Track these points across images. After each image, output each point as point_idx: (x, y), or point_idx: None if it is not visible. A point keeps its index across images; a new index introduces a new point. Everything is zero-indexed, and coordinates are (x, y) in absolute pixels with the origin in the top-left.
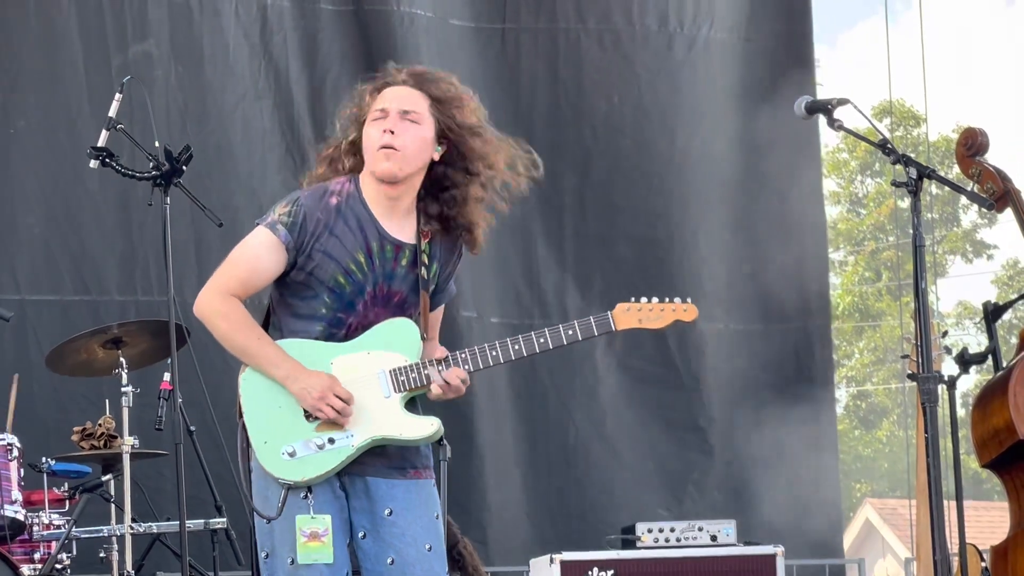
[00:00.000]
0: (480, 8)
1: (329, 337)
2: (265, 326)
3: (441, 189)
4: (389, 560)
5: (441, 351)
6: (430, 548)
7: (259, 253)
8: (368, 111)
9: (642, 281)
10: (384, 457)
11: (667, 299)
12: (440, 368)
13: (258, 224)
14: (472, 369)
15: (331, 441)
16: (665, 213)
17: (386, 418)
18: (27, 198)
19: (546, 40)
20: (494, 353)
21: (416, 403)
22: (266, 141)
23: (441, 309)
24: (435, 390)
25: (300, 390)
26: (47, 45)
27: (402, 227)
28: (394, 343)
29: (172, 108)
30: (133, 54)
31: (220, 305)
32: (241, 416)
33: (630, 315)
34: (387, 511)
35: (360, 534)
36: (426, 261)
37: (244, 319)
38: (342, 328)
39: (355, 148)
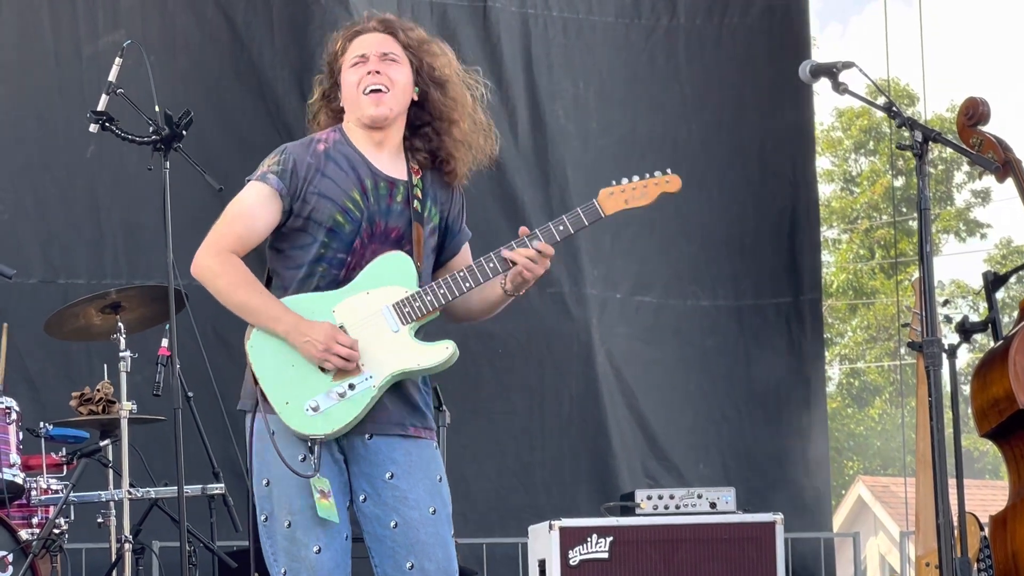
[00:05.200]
0: None
1: (330, 280)
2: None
3: (420, 126)
4: (392, 524)
5: (520, 232)
6: (434, 511)
7: (253, 206)
8: (342, 60)
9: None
10: (384, 411)
11: (647, 174)
12: (527, 244)
13: (248, 180)
14: (473, 286)
15: (351, 387)
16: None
17: (401, 351)
18: None
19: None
20: (491, 264)
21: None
22: (246, 126)
23: (466, 251)
24: (521, 272)
25: (304, 344)
26: (19, 34)
27: (393, 164)
28: (391, 277)
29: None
30: (104, 44)
31: (217, 264)
32: (257, 383)
33: (615, 198)
34: (388, 474)
35: (361, 497)
36: (419, 195)
37: (243, 275)
38: (342, 268)
39: (328, 100)
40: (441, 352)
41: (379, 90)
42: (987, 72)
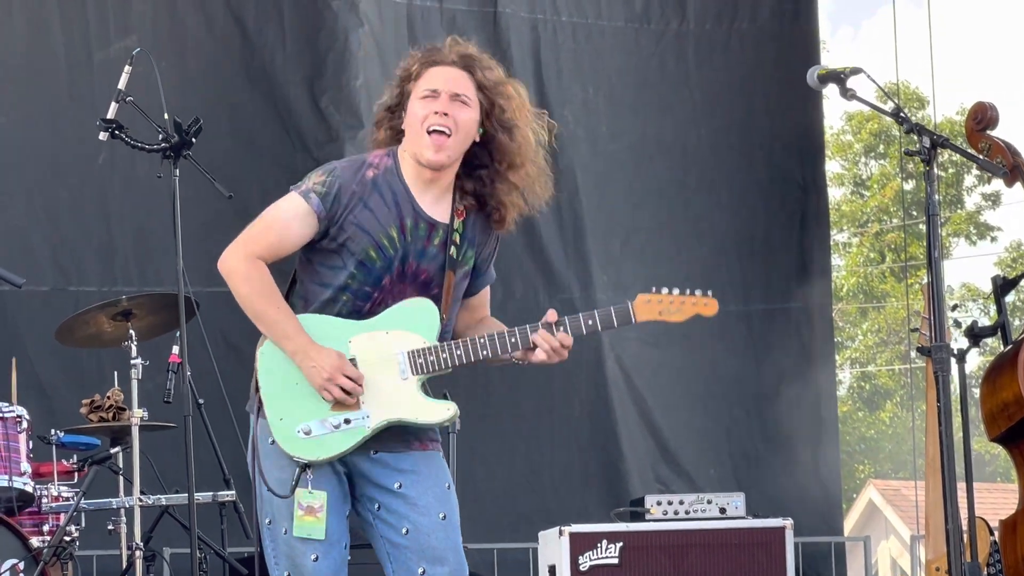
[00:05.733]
0: None
1: (352, 310)
2: (289, 294)
3: (477, 167)
4: (404, 530)
5: (548, 315)
6: (444, 517)
7: (290, 220)
8: (415, 84)
9: (644, 269)
10: (390, 432)
11: (688, 291)
12: (552, 331)
13: (292, 190)
14: (490, 355)
15: (347, 422)
16: (662, 197)
17: (402, 400)
18: (8, 192)
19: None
20: (512, 340)
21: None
22: (257, 131)
23: (486, 293)
24: (539, 355)
25: (309, 368)
26: (30, 41)
27: (438, 205)
28: (413, 324)
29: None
30: (115, 50)
31: (244, 267)
32: (258, 390)
33: (650, 307)
34: (396, 484)
35: (375, 507)
36: (457, 241)
37: (267, 285)
38: (367, 302)
39: (392, 115)
40: (442, 412)
41: (443, 133)
42: (997, 75)
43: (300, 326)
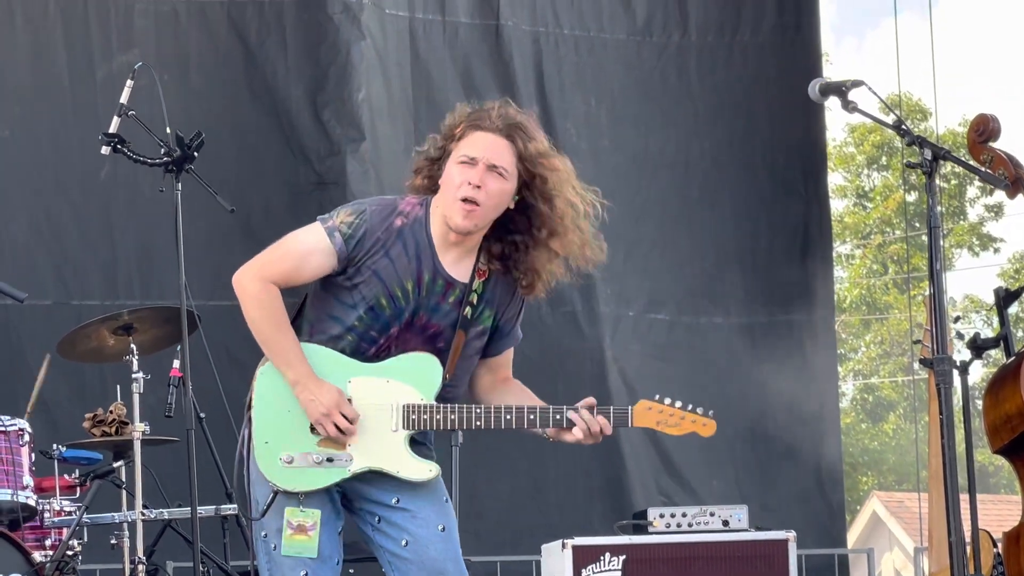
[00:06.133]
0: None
1: (356, 350)
2: (297, 315)
3: (508, 231)
4: (404, 542)
5: (588, 401)
6: (443, 529)
7: (310, 252)
8: (456, 144)
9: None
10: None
11: (690, 407)
12: (591, 414)
13: (318, 221)
14: (483, 426)
15: (329, 460)
16: (665, 209)
17: (388, 451)
18: (11, 207)
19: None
20: (508, 417)
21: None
22: (259, 145)
23: (509, 354)
24: (577, 434)
25: (307, 400)
26: (33, 55)
27: (459, 264)
28: (415, 378)
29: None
30: (117, 64)
31: (259, 290)
32: (250, 409)
33: (650, 415)
34: (394, 500)
35: (376, 519)
36: (474, 301)
37: (278, 311)
38: (372, 346)
39: (431, 166)
40: (423, 471)
41: (474, 203)
42: (1000, 86)
43: (304, 357)
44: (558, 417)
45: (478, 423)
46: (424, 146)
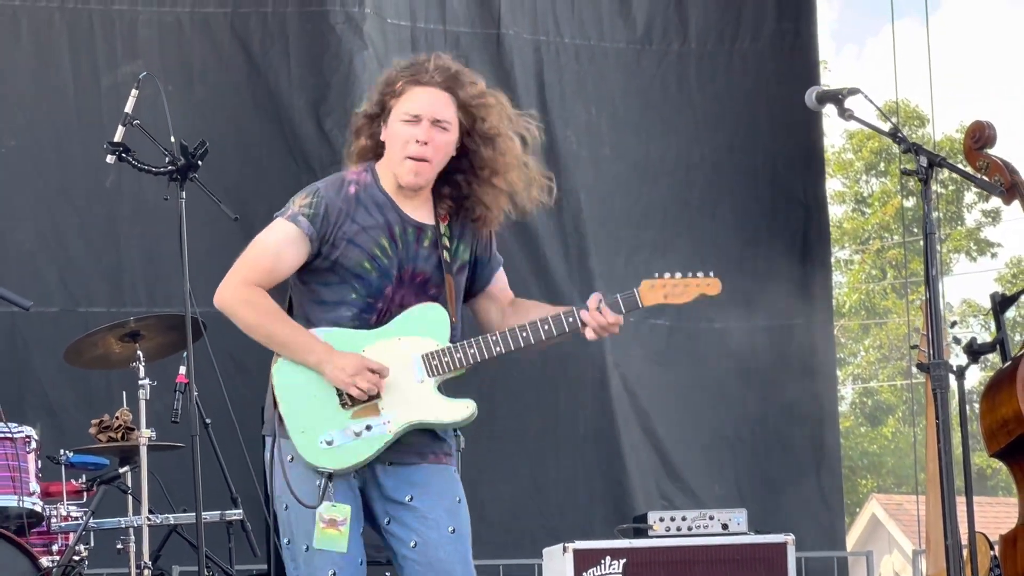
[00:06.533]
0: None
1: (360, 323)
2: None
3: (453, 171)
4: (412, 543)
5: (594, 296)
6: (453, 531)
7: (281, 244)
8: (396, 101)
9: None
10: (407, 444)
11: (690, 273)
12: (598, 308)
13: (277, 217)
14: (503, 351)
15: (368, 428)
16: (665, 216)
17: (421, 402)
18: (17, 215)
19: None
20: (524, 334)
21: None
22: (263, 154)
23: (502, 277)
24: (590, 333)
25: (334, 370)
26: (38, 64)
27: (421, 209)
28: (424, 328)
29: (160, 126)
30: (122, 74)
31: (246, 294)
32: (276, 407)
33: (655, 291)
34: (408, 497)
35: (385, 520)
36: (447, 244)
37: (272, 307)
38: (372, 314)
39: (371, 123)
40: (461, 410)
41: (423, 159)
42: (997, 92)
43: (315, 337)
44: (571, 320)
45: (498, 349)
46: (362, 104)
